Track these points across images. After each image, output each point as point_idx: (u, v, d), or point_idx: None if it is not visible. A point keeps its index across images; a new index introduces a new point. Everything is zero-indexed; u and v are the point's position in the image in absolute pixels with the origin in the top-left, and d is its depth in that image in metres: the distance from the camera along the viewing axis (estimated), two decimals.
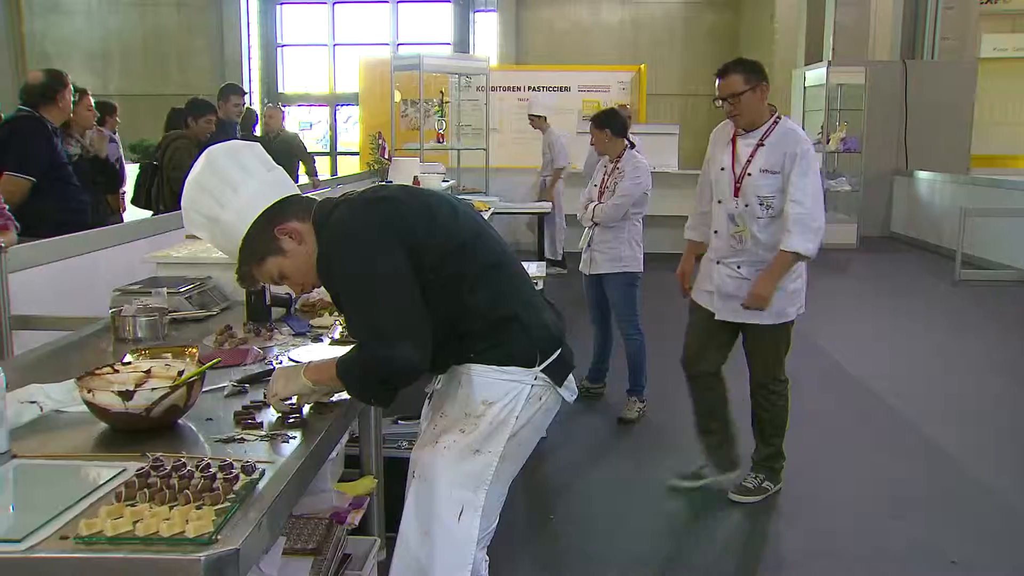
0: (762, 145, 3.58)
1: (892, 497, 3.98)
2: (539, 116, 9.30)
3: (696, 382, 3.97)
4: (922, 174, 12.30)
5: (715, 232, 3.76)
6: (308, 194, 2.16)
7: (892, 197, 12.96)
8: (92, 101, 5.24)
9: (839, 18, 12.78)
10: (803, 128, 12.64)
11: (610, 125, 5.00)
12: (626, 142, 5.03)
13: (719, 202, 3.71)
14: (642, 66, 12.47)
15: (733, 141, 3.68)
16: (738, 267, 3.69)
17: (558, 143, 9.39)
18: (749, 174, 3.59)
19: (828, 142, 11.98)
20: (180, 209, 5.05)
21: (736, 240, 3.67)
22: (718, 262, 3.74)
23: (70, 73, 4.85)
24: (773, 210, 3.58)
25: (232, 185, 1.95)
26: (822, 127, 12.08)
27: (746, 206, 3.61)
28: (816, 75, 12.40)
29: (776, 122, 3.62)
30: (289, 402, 1.94)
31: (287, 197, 2.00)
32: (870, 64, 12.29)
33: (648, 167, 5.02)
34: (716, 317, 3.76)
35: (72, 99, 4.76)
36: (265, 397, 1.97)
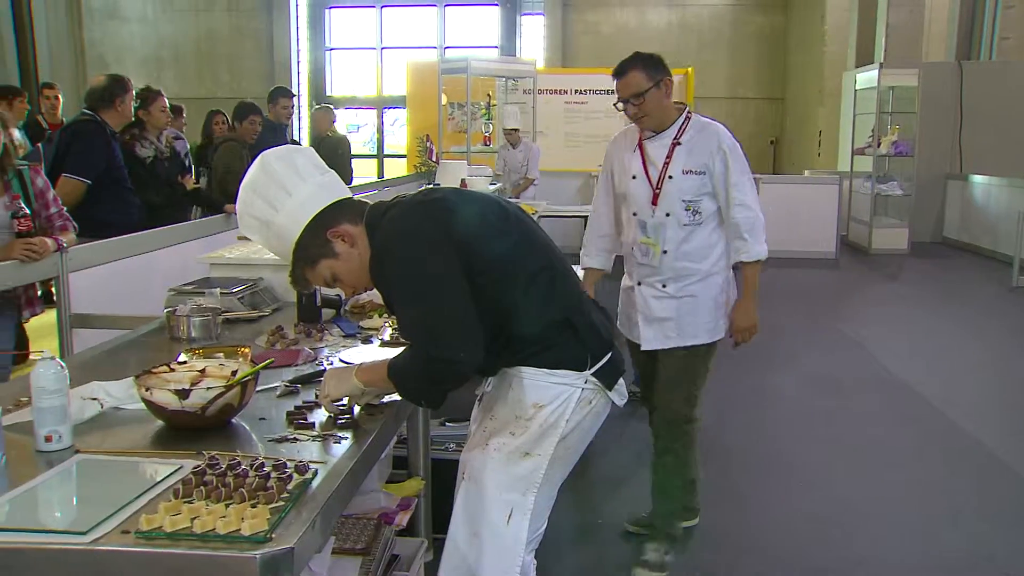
0: (678, 144, 3.20)
1: (942, 505, 3.91)
2: (514, 129, 9.14)
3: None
4: (977, 178, 12.03)
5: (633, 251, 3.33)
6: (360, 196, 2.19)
7: (945, 201, 12.71)
8: (167, 103, 5.35)
9: (891, 19, 12.54)
10: (853, 132, 12.26)
11: None
12: None
13: (634, 214, 3.26)
14: (689, 69, 12.38)
15: (640, 146, 3.27)
16: (663, 285, 3.26)
17: (535, 155, 9.33)
18: (670, 177, 3.19)
19: (879, 145, 11.79)
20: (224, 211, 5.12)
21: (642, 253, 3.25)
22: (639, 283, 3.32)
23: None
24: (700, 215, 3.20)
25: (285, 189, 1.97)
26: (873, 130, 11.89)
27: (667, 215, 3.20)
28: (867, 77, 12.20)
29: (688, 119, 3.24)
30: (340, 403, 1.96)
31: (339, 200, 2.02)
32: (924, 65, 12.06)
33: None
34: (643, 347, 3.34)
35: (133, 104, 4.88)
36: (317, 398, 1.99)
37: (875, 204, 11.80)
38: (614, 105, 3.27)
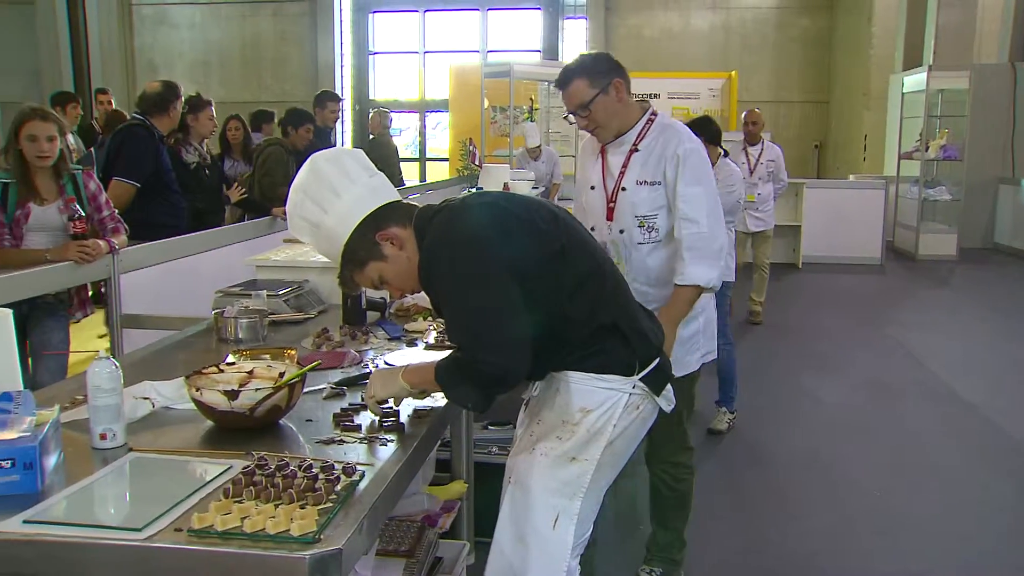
0: (636, 151, 2.88)
1: (992, 519, 3.82)
2: (536, 147, 9.07)
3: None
4: None
5: None
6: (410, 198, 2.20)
7: (996, 206, 12.45)
8: (214, 111, 5.44)
9: (942, 20, 12.29)
10: (900, 136, 12.03)
11: (704, 132, 4.91)
12: (719, 150, 4.97)
13: (592, 229, 2.89)
14: (733, 73, 12.29)
15: (602, 152, 2.97)
16: None
17: (557, 160, 9.30)
18: (623, 188, 2.87)
19: (927, 149, 11.59)
20: (271, 214, 5.18)
21: None
22: None
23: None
24: (657, 233, 2.84)
25: (335, 191, 1.98)
26: (921, 134, 11.69)
27: (621, 231, 2.88)
28: (915, 80, 12.00)
29: (651, 120, 2.91)
30: (386, 405, 1.98)
31: (389, 203, 2.02)
32: (975, 67, 11.82)
33: (741, 175, 4.96)
34: None
35: (183, 109, 4.97)
36: (363, 399, 2.01)
37: (922, 209, 11.60)
38: (564, 118, 3.00)
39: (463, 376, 1.90)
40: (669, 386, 2.15)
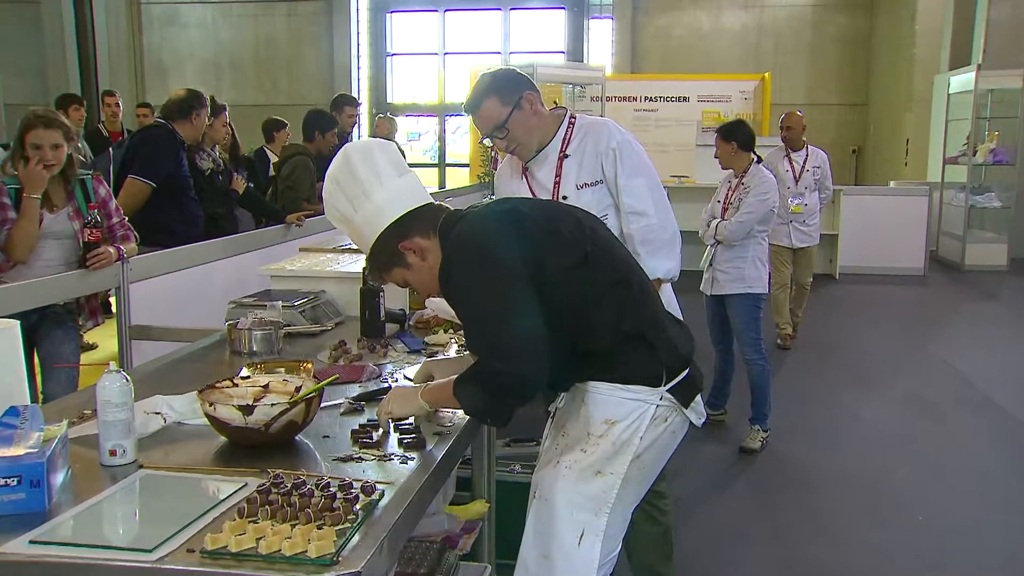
0: (566, 157, 2.89)
1: None
2: None
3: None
4: None
5: None
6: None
7: None
8: (228, 117, 5.48)
9: (993, 16, 12.14)
10: (944, 140, 11.82)
11: (737, 137, 4.94)
12: (752, 156, 4.96)
13: None
14: (766, 74, 12.26)
15: (524, 172, 2.99)
16: None
17: None
18: (564, 197, 2.88)
19: (975, 154, 11.46)
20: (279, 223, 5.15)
21: None
22: None
23: (184, 84, 5.12)
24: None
25: (364, 191, 2.02)
26: (968, 137, 11.57)
27: None
28: (962, 80, 11.87)
29: (572, 124, 2.93)
30: (407, 422, 1.99)
31: (415, 209, 2.04)
32: None
33: (775, 182, 4.93)
34: None
35: (208, 119, 5.03)
36: (377, 414, 2.02)
37: (969, 217, 11.47)
38: (480, 142, 2.98)
39: (480, 387, 1.91)
40: (699, 399, 2.15)
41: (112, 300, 3.97)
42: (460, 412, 2.05)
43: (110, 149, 5.18)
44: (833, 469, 4.61)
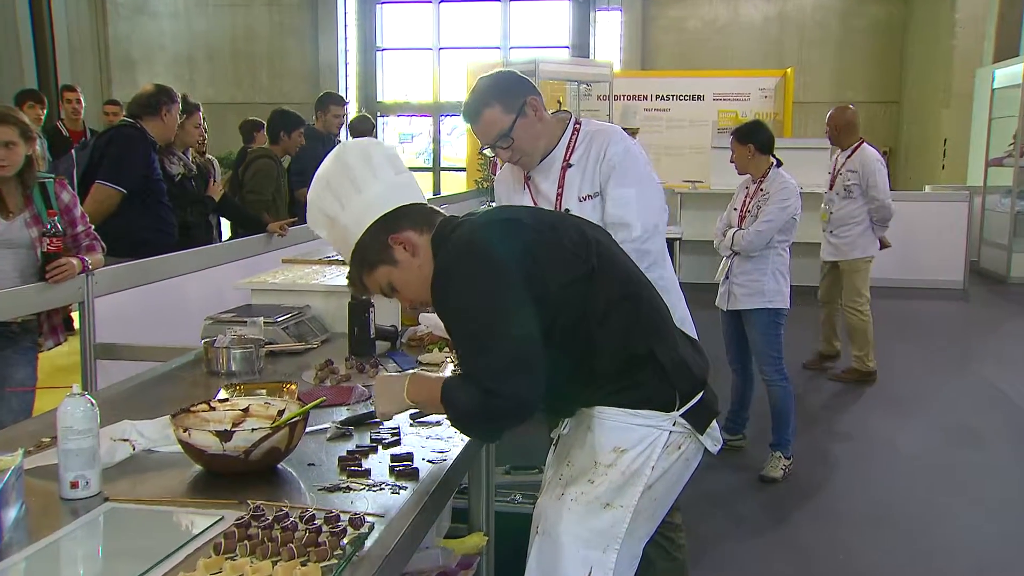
0: (569, 167, 2.92)
1: None
2: None
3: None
4: None
5: None
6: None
7: None
8: (202, 118, 5.48)
9: None
10: (988, 139, 11.68)
11: (754, 139, 4.94)
12: (771, 159, 4.97)
13: None
14: (788, 70, 12.30)
15: (527, 181, 3.02)
16: None
17: None
18: (567, 211, 2.87)
19: (1022, 155, 11.45)
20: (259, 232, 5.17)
21: None
22: None
23: (155, 79, 5.10)
24: None
25: (356, 185, 2.04)
26: (1015, 136, 11.56)
27: None
28: (1009, 74, 11.86)
29: (577, 130, 2.95)
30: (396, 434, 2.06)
31: (408, 204, 2.07)
32: None
33: (796, 188, 4.94)
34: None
35: (179, 117, 5.01)
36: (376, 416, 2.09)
37: (1016, 224, 11.45)
38: (481, 152, 2.95)
39: (471, 407, 1.92)
40: (715, 424, 2.16)
41: (75, 316, 3.96)
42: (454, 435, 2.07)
43: (72, 151, 5.14)
44: (864, 502, 4.60)
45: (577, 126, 2.96)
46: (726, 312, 5.06)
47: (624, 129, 3.02)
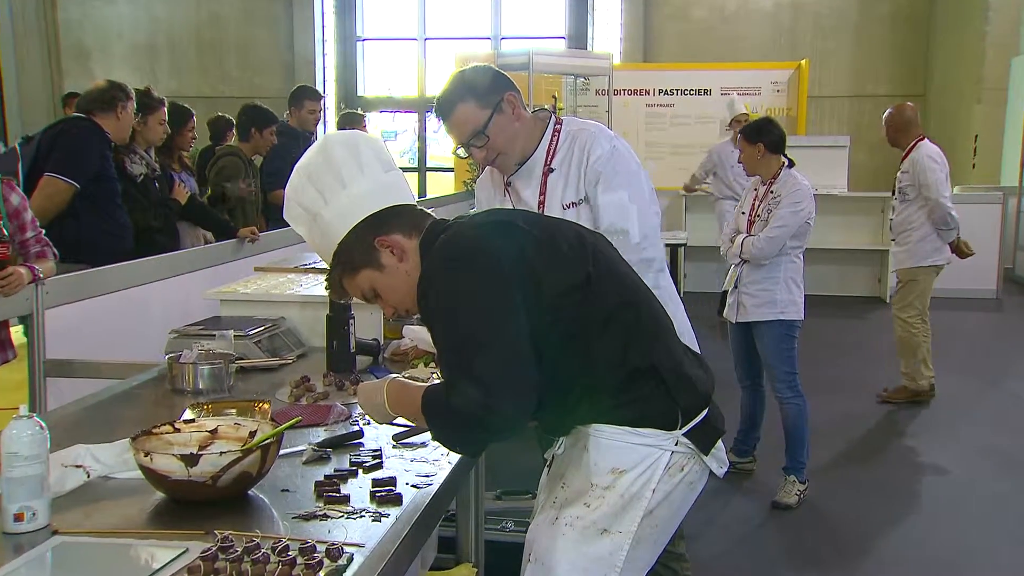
0: (551, 171, 2.93)
1: None
2: None
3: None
4: None
5: None
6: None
7: None
8: (166, 114, 5.45)
9: None
10: None
11: (764, 138, 4.96)
12: (783, 159, 4.98)
13: None
14: (803, 62, 12.34)
15: (507, 187, 3.05)
16: None
17: None
18: None
19: None
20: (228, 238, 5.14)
21: None
22: None
23: (112, 70, 5.04)
24: None
25: (341, 180, 2.05)
26: None
27: None
28: None
29: (558, 130, 2.97)
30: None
31: (397, 206, 2.09)
32: None
33: (810, 190, 4.95)
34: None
35: (135, 116, 4.99)
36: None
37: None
38: (454, 153, 3.01)
39: (453, 420, 1.93)
40: (720, 444, 2.17)
41: (13, 330, 3.93)
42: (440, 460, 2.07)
43: (16, 145, 5.08)
44: (889, 532, 4.59)
45: (558, 126, 2.97)
46: (735, 324, 5.07)
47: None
